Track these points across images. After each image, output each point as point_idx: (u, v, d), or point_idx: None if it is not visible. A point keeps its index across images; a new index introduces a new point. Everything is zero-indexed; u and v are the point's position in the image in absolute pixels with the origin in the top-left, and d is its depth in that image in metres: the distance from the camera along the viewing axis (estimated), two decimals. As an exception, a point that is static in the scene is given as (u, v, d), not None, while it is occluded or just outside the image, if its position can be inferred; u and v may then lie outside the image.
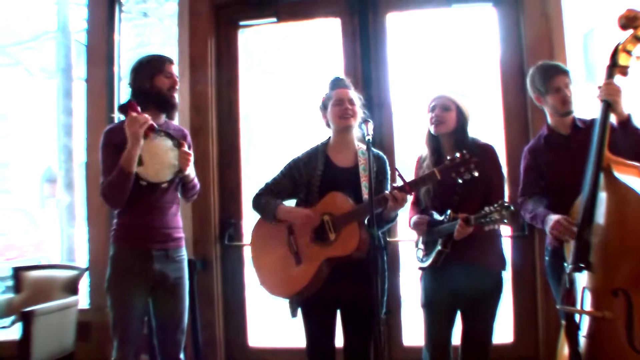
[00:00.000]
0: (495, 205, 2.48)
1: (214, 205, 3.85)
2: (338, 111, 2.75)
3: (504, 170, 2.92)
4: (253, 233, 2.87)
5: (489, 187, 2.72)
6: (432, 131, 2.81)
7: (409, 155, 3.13)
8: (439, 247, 2.69)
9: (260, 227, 2.86)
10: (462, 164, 2.49)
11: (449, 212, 2.66)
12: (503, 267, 2.81)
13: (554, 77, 2.76)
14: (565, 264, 2.51)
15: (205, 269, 3.78)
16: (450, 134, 2.79)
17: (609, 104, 2.48)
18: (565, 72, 2.80)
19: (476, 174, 2.47)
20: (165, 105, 2.80)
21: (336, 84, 2.85)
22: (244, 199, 3.92)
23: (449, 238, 2.65)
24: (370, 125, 2.55)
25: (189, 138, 2.96)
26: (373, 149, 2.61)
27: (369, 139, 2.49)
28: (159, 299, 2.77)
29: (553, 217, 2.60)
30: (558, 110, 2.77)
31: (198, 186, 2.92)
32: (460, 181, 2.50)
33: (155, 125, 2.65)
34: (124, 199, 2.68)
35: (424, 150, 2.90)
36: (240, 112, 3.99)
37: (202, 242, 3.79)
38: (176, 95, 2.82)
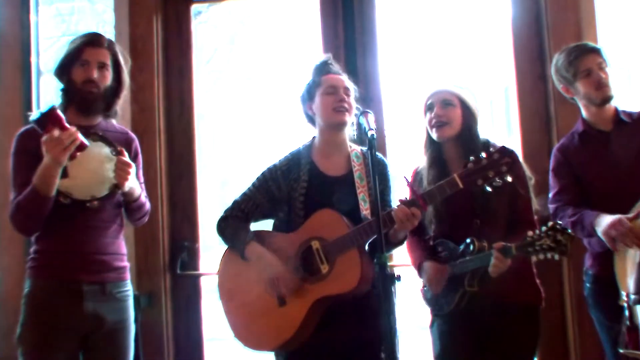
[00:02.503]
0: (546, 228, 2.22)
1: (163, 225, 3.62)
2: (332, 102, 2.53)
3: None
4: (221, 265, 2.65)
5: (513, 205, 2.53)
6: (434, 136, 2.60)
7: (405, 161, 3.01)
8: (463, 288, 2.47)
9: (231, 257, 2.62)
10: (491, 166, 2.22)
11: (470, 240, 2.44)
12: (540, 301, 2.61)
13: (580, 57, 2.64)
14: (623, 293, 2.37)
15: (152, 306, 3.53)
16: (455, 138, 2.59)
17: None
18: (595, 51, 2.67)
19: (509, 179, 2.21)
20: (82, 104, 2.60)
21: (325, 68, 2.64)
22: (200, 217, 3.72)
23: (476, 275, 2.44)
24: (372, 118, 2.33)
25: (136, 144, 2.79)
26: None
27: (372, 135, 2.23)
28: (93, 351, 2.55)
29: (609, 217, 2.41)
30: (593, 99, 2.64)
31: (147, 206, 2.75)
32: (488, 189, 2.23)
33: (86, 142, 2.41)
34: (39, 225, 2.48)
35: (422, 162, 2.72)
36: (195, 108, 3.78)
37: (148, 273, 3.57)
38: (98, 90, 2.59)
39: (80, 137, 2.37)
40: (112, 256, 2.60)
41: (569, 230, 2.25)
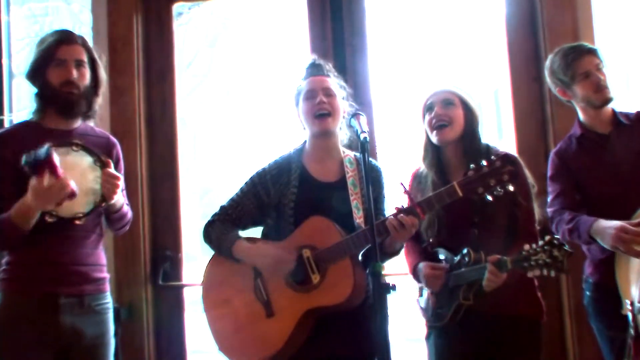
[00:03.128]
0: (542, 243, 2.17)
1: (144, 234, 3.56)
2: (310, 107, 2.51)
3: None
4: (206, 275, 2.60)
5: (513, 215, 2.47)
6: (435, 139, 2.54)
7: (397, 166, 2.91)
8: (458, 300, 2.40)
9: (216, 265, 2.58)
10: (492, 174, 2.18)
11: (466, 251, 2.38)
12: (541, 315, 2.54)
13: (578, 59, 2.61)
14: (627, 302, 2.32)
15: (133, 319, 3.47)
16: (457, 141, 2.54)
17: None
18: (592, 51, 2.65)
19: (511, 188, 2.17)
20: (63, 107, 2.54)
21: (307, 71, 2.63)
22: (183, 225, 3.68)
23: (472, 287, 2.38)
24: (364, 120, 2.31)
25: (117, 149, 2.74)
26: None
27: (365, 138, 2.19)
28: (71, 368, 2.46)
29: (611, 224, 2.37)
30: (592, 101, 2.61)
31: (130, 215, 2.72)
32: (489, 199, 2.19)
33: (76, 190, 2.34)
34: (17, 245, 2.44)
35: (420, 166, 2.68)
36: (177, 111, 3.73)
37: (128, 284, 3.51)
38: (78, 91, 2.53)
39: (72, 186, 2.32)
40: (91, 267, 2.54)
41: (565, 246, 2.18)
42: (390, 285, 1.95)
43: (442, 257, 2.51)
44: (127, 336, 3.37)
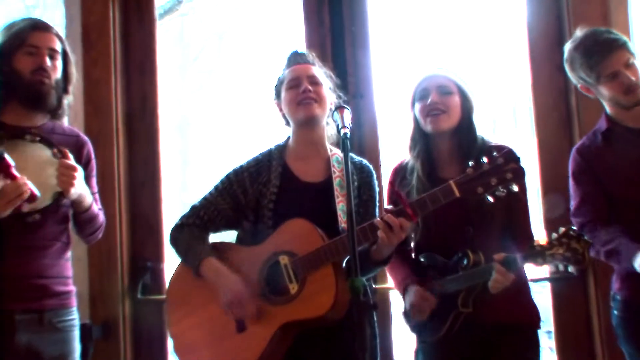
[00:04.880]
0: (557, 235, 2.13)
1: (121, 242, 3.54)
2: (294, 96, 2.48)
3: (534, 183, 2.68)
4: (172, 285, 2.58)
5: (511, 211, 2.45)
6: (428, 127, 2.51)
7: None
8: (457, 309, 2.37)
9: (183, 274, 2.53)
10: (494, 172, 2.12)
11: (462, 253, 2.38)
12: (538, 323, 2.54)
13: (604, 59, 2.49)
14: None
15: (108, 337, 3.43)
16: (452, 132, 2.52)
17: None
18: (619, 46, 2.52)
19: (515, 188, 2.11)
20: (31, 99, 2.52)
21: (292, 59, 2.61)
22: (165, 233, 3.57)
23: (471, 293, 2.36)
24: (347, 114, 2.26)
25: (87, 148, 2.70)
26: (353, 155, 2.48)
27: (345, 134, 2.16)
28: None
29: None
30: (622, 102, 2.54)
31: (101, 219, 2.67)
32: (490, 200, 2.13)
33: (37, 193, 2.32)
34: None
35: (407, 158, 2.65)
36: (159, 108, 3.72)
37: (103, 298, 3.47)
38: (49, 82, 2.51)
39: (31, 187, 2.29)
40: (53, 280, 2.51)
41: (585, 236, 2.15)
42: (372, 303, 1.89)
43: (427, 263, 2.51)
44: (100, 357, 3.33)
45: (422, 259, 2.53)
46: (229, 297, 2.34)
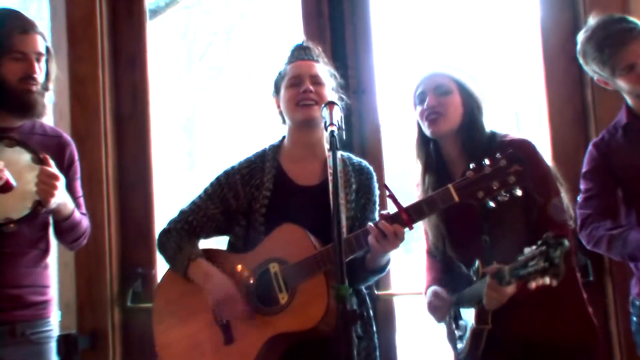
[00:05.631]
0: (539, 243, 1.90)
1: (110, 248, 3.50)
2: (293, 95, 2.44)
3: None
4: (159, 293, 2.56)
5: (530, 216, 2.27)
6: (427, 132, 2.41)
7: (403, 166, 2.83)
8: (471, 324, 2.22)
9: (171, 282, 2.52)
10: (496, 175, 2.03)
11: (477, 264, 2.24)
12: (594, 338, 2.32)
13: (617, 52, 2.42)
14: None
15: (96, 348, 3.39)
16: (455, 133, 2.39)
17: None
18: (635, 36, 2.44)
19: (519, 192, 2.03)
20: (18, 108, 2.50)
21: (293, 54, 2.57)
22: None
23: (485, 307, 2.20)
24: (337, 111, 2.20)
25: (71, 149, 2.66)
26: (352, 156, 2.51)
27: (332, 132, 2.10)
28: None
29: None
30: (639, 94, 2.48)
31: (85, 226, 2.63)
32: (492, 205, 2.05)
33: (13, 182, 2.31)
34: None
35: (417, 165, 2.55)
36: (150, 106, 3.67)
37: (92, 306, 3.44)
38: (37, 88, 2.49)
39: (7, 176, 2.27)
40: (27, 289, 2.48)
41: (564, 241, 1.89)
42: (358, 312, 1.80)
43: (456, 273, 2.40)
44: (88, 369, 3.34)
45: (455, 268, 2.43)
46: (218, 296, 2.32)
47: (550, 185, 2.29)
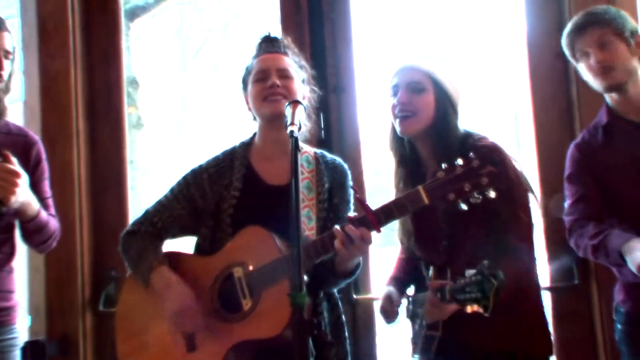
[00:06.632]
0: (474, 272, 1.94)
1: (82, 250, 3.45)
2: (260, 90, 2.40)
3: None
4: (122, 298, 2.53)
5: (492, 225, 2.23)
6: (398, 131, 2.37)
7: (383, 165, 2.75)
8: (424, 330, 2.22)
9: (134, 286, 2.47)
10: (468, 176, 1.98)
11: (431, 270, 2.22)
12: (548, 351, 2.31)
13: (578, 36, 2.46)
14: None
15: (66, 354, 3.35)
16: (425, 133, 2.34)
17: None
18: (596, 22, 2.45)
19: (493, 194, 1.96)
20: None
21: (263, 46, 2.52)
22: None
23: None
24: (300, 111, 2.12)
25: (37, 148, 2.62)
26: (326, 153, 2.48)
27: (291, 132, 2.02)
28: None
29: None
30: (597, 86, 2.48)
31: (53, 228, 2.57)
32: (464, 208, 2.00)
33: None
34: None
35: (393, 159, 2.53)
36: (125, 104, 3.64)
37: (62, 311, 3.39)
38: (2, 86, 2.49)
39: None
40: None
41: (497, 276, 1.93)
42: (314, 322, 1.75)
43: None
44: (56, 377, 3.31)
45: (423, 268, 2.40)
46: (175, 308, 2.28)
47: (514, 197, 2.23)
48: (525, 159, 3.15)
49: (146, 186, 4.96)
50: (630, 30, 2.40)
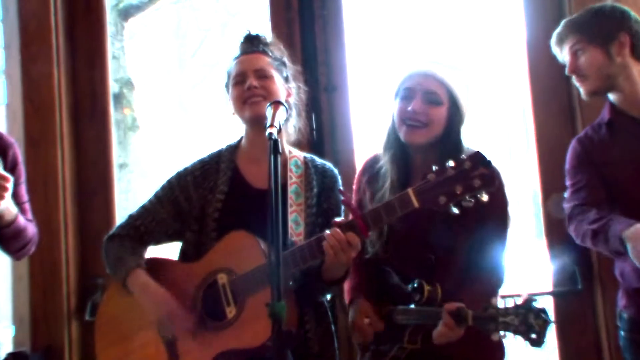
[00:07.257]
0: (518, 303, 1.96)
1: (67, 258, 3.42)
2: (239, 93, 2.38)
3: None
4: (102, 305, 2.52)
5: (481, 239, 2.28)
6: (401, 136, 2.34)
7: None
8: (401, 343, 2.22)
9: (114, 295, 2.47)
10: (459, 178, 1.94)
11: (417, 284, 2.19)
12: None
13: (558, 46, 2.54)
14: None
15: None
16: (429, 144, 2.33)
17: None
18: (574, 31, 2.48)
19: (485, 197, 1.93)
20: None
21: (241, 47, 2.49)
22: None
23: (421, 329, 2.21)
24: (281, 112, 2.09)
25: (14, 150, 2.54)
26: (315, 158, 2.45)
27: (270, 134, 1.97)
28: None
29: None
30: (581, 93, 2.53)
31: (31, 233, 2.53)
32: (455, 211, 1.96)
33: None
34: None
35: (384, 157, 2.48)
36: (111, 106, 3.61)
37: (47, 321, 3.37)
38: None
39: None
40: None
41: (546, 313, 1.94)
42: (293, 333, 1.75)
43: (383, 279, 2.31)
44: (41, 388, 3.28)
45: (381, 272, 2.35)
46: (161, 312, 2.26)
47: (505, 211, 2.28)
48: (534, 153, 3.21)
49: (143, 189, 4.92)
50: (615, 31, 2.39)
